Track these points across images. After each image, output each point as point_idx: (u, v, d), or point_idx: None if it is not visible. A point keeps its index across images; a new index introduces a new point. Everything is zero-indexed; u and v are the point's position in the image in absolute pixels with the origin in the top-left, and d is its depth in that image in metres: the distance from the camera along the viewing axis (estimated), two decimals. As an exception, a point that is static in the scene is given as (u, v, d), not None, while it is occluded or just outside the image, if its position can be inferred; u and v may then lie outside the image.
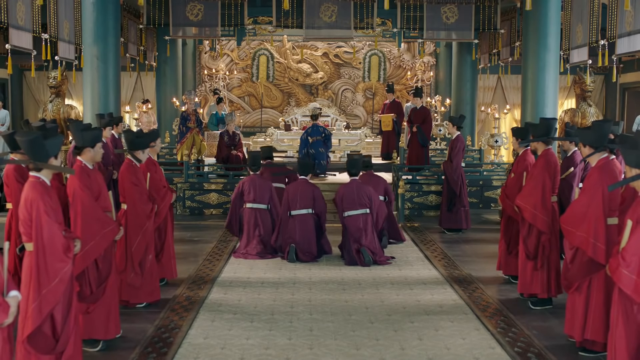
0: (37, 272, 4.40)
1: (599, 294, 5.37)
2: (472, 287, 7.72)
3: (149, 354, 5.53)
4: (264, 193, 9.38)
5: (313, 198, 9.10)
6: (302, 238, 8.95)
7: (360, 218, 8.84)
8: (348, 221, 8.89)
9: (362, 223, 8.82)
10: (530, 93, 11.61)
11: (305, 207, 9.06)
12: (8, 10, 9.13)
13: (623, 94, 18.38)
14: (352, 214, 8.87)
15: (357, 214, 8.85)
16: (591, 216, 5.29)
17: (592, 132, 5.63)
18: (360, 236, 8.79)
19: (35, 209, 4.41)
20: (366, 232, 8.81)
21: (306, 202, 9.06)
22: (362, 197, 8.90)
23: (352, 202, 8.89)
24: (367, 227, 8.84)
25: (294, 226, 8.99)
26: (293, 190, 9.17)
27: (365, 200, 8.90)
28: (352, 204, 8.88)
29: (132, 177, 6.65)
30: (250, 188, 9.35)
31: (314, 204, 9.09)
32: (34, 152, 4.53)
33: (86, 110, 10.96)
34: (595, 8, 11.00)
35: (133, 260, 6.57)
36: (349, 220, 8.88)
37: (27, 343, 4.40)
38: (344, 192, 8.98)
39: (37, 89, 18.71)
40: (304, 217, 9.03)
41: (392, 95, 16.84)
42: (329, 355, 5.53)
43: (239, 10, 13.82)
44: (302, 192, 9.10)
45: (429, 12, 13.91)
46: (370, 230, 8.88)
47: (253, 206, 9.33)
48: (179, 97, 16.81)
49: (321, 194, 9.30)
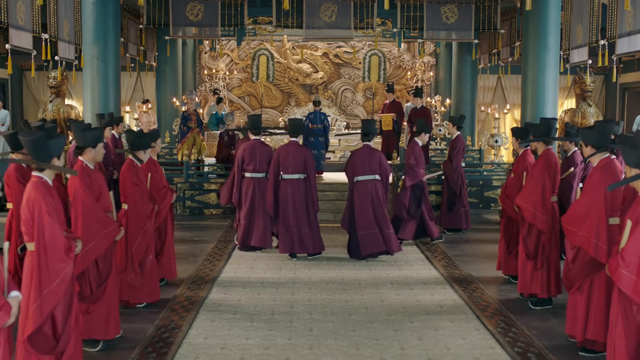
0: (38, 272, 4.41)
1: (600, 294, 5.37)
2: (472, 287, 7.72)
3: (149, 354, 5.53)
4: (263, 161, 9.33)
5: (304, 162, 9.01)
6: (293, 206, 8.94)
7: (370, 183, 8.79)
8: (358, 187, 8.83)
9: (372, 189, 8.76)
10: (530, 93, 11.61)
11: (297, 172, 8.97)
12: (8, 10, 9.13)
13: (623, 94, 18.38)
14: (362, 179, 8.81)
15: (367, 179, 8.80)
16: (593, 216, 5.29)
17: (595, 132, 5.63)
18: (368, 204, 8.72)
19: (37, 209, 4.41)
20: (377, 201, 8.76)
21: (297, 167, 8.97)
22: (372, 162, 8.84)
23: (363, 166, 8.83)
24: (377, 194, 8.77)
25: (286, 191, 8.97)
26: (284, 153, 9.06)
27: (375, 166, 8.85)
28: (363, 168, 8.83)
29: (134, 177, 6.65)
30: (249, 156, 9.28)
31: (305, 169, 9.00)
32: (38, 152, 4.53)
33: (86, 110, 10.96)
34: (595, 8, 11.00)
35: (133, 260, 6.57)
36: (358, 185, 8.82)
37: (27, 343, 4.40)
38: (355, 156, 8.96)
39: (37, 89, 18.71)
40: (295, 182, 8.98)
41: (392, 95, 16.82)
42: (329, 355, 5.53)
43: (239, 10, 13.82)
44: (293, 156, 9.00)
45: (429, 12, 13.91)
46: (382, 199, 8.81)
47: (252, 176, 9.25)
48: (179, 97, 16.80)
49: (312, 156, 9.22)
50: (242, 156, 9.46)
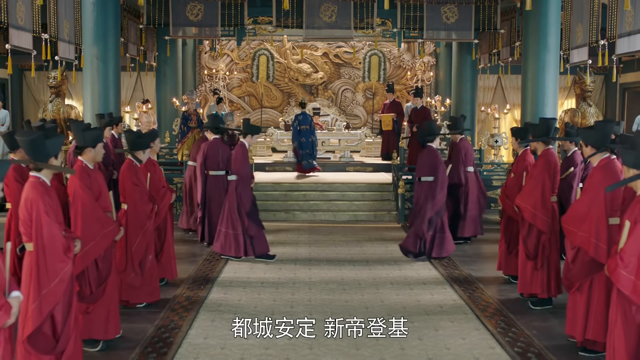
0: (37, 272, 4.41)
1: (600, 294, 5.37)
2: (472, 287, 7.72)
3: (149, 354, 5.53)
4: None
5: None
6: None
7: (425, 185, 8.96)
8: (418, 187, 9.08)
9: (427, 190, 8.92)
10: (530, 93, 11.60)
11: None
12: (8, 10, 9.13)
13: (623, 94, 18.37)
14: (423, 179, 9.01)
15: (425, 180, 8.99)
16: (593, 216, 5.28)
17: (595, 132, 5.62)
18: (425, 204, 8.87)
19: (35, 209, 4.41)
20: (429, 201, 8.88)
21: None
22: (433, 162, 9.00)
23: (423, 167, 9.05)
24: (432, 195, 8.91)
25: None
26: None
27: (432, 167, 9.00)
28: (422, 169, 9.03)
29: (133, 177, 6.65)
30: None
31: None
32: (35, 152, 4.53)
33: (86, 110, 10.96)
34: (595, 8, 10.99)
35: (133, 260, 6.57)
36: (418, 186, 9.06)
37: (27, 343, 4.40)
38: (420, 157, 9.19)
39: (37, 89, 18.70)
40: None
41: (392, 95, 16.85)
42: (329, 355, 5.54)
43: (239, 10, 13.82)
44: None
45: (429, 12, 13.90)
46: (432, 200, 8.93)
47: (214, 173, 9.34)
48: (179, 97, 16.80)
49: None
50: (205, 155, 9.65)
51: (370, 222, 12.19)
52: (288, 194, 13.10)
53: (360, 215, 12.49)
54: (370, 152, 17.61)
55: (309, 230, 11.41)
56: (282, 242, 10.29)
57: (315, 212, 12.52)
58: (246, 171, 8.88)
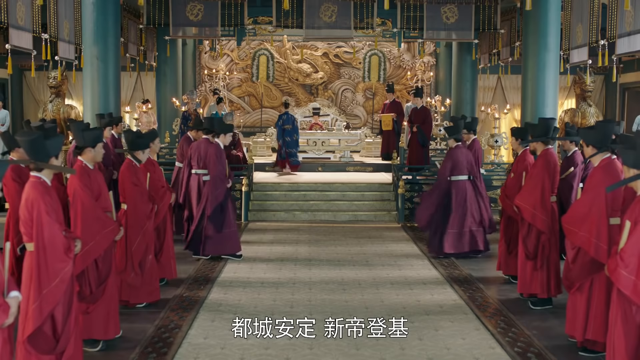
0: (37, 272, 4.41)
1: (600, 294, 5.37)
2: (472, 287, 7.72)
3: (149, 354, 5.53)
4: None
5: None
6: None
7: (467, 183, 9.04)
8: (455, 186, 9.02)
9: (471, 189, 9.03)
10: (530, 93, 11.60)
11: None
12: (8, 10, 9.13)
13: (623, 94, 18.36)
14: (459, 178, 9.04)
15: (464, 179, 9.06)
16: (594, 216, 5.28)
17: (596, 132, 5.61)
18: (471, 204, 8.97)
19: (36, 209, 4.41)
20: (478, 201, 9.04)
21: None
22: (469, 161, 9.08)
23: (461, 166, 9.07)
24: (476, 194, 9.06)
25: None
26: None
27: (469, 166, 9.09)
28: (461, 168, 9.05)
29: (133, 177, 6.65)
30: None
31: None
32: (35, 152, 4.52)
33: (86, 110, 10.95)
34: (595, 8, 10.99)
35: (133, 260, 6.57)
36: (456, 185, 9.02)
37: (27, 343, 4.40)
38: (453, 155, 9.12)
39: (37, 89, 18.69)
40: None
41: (392, 95, 16.85)
42: (329, 355, 5.53)
43: (239, 10, 13.82)
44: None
45: (429, 12, 13.91)
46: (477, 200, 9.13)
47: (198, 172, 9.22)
48: (179, 97, 16.80)
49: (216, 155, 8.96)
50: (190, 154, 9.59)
51: (370, 222, 12.19)
52: (288, 194, 13.10)
53: (360, 215, 12.49)
54: (370, 152, 17.61)
55: (309, 230, 11.42)
56: (282, 242, 10.29)
57: (315, 212, 12.52)
58: (219, 171, 8.85)
